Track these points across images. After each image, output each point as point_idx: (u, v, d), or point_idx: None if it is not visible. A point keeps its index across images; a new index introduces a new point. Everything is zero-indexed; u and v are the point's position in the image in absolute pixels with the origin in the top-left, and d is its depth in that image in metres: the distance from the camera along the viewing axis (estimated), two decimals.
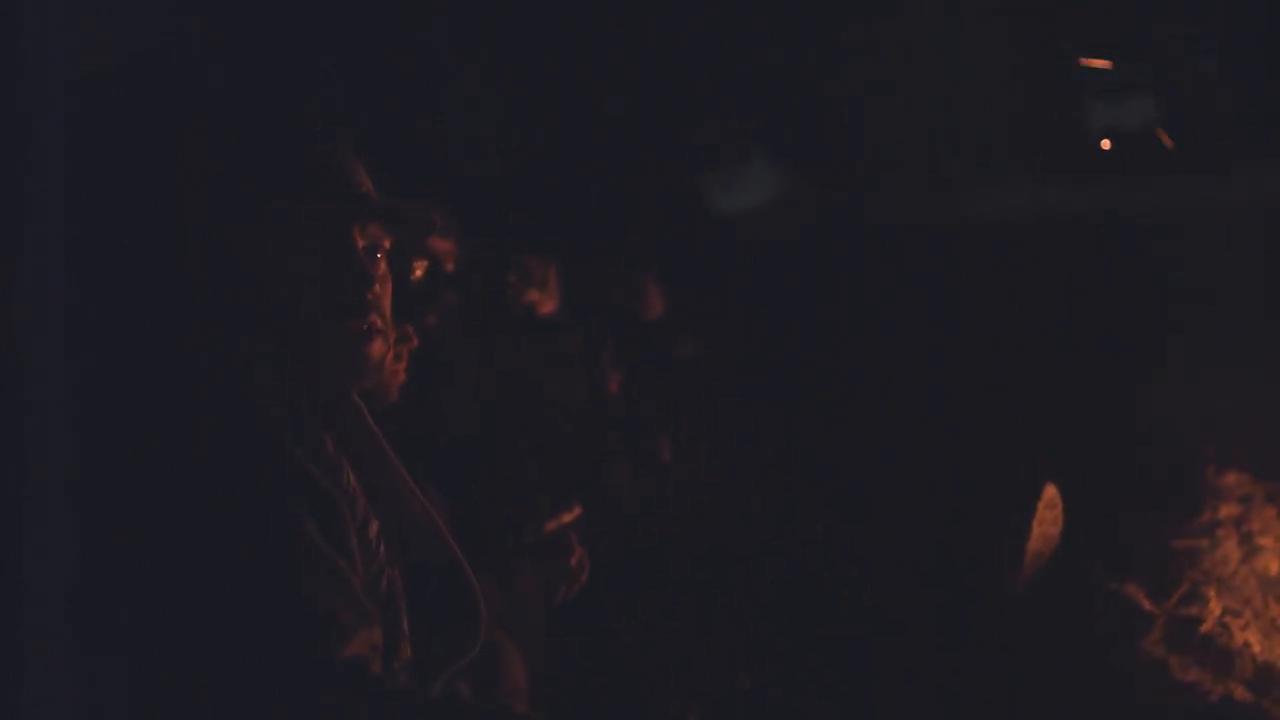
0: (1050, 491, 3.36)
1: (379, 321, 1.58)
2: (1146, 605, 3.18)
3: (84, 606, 1.35)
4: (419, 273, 2.82)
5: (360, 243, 1.53)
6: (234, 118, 1.56)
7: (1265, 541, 3.43)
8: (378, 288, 1.54)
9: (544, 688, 2.42)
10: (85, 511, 1.38)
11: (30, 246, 1.53)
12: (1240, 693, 2.76)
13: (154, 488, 1.36)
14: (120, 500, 1.37)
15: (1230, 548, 3.45)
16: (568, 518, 2.84)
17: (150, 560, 1.33)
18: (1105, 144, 4.15)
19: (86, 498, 1.38)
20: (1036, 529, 3.31)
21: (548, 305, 3.49)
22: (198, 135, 1.52)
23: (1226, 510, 3.63)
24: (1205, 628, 3.00)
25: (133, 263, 1.50)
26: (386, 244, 1.57)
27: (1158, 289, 4.70)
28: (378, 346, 1.55)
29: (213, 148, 1.50)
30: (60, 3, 1.59)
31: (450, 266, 3.22)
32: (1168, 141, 4.59)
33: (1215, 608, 3.09)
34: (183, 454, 1.37)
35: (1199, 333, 4.31)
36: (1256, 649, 2.89)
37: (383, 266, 1.56)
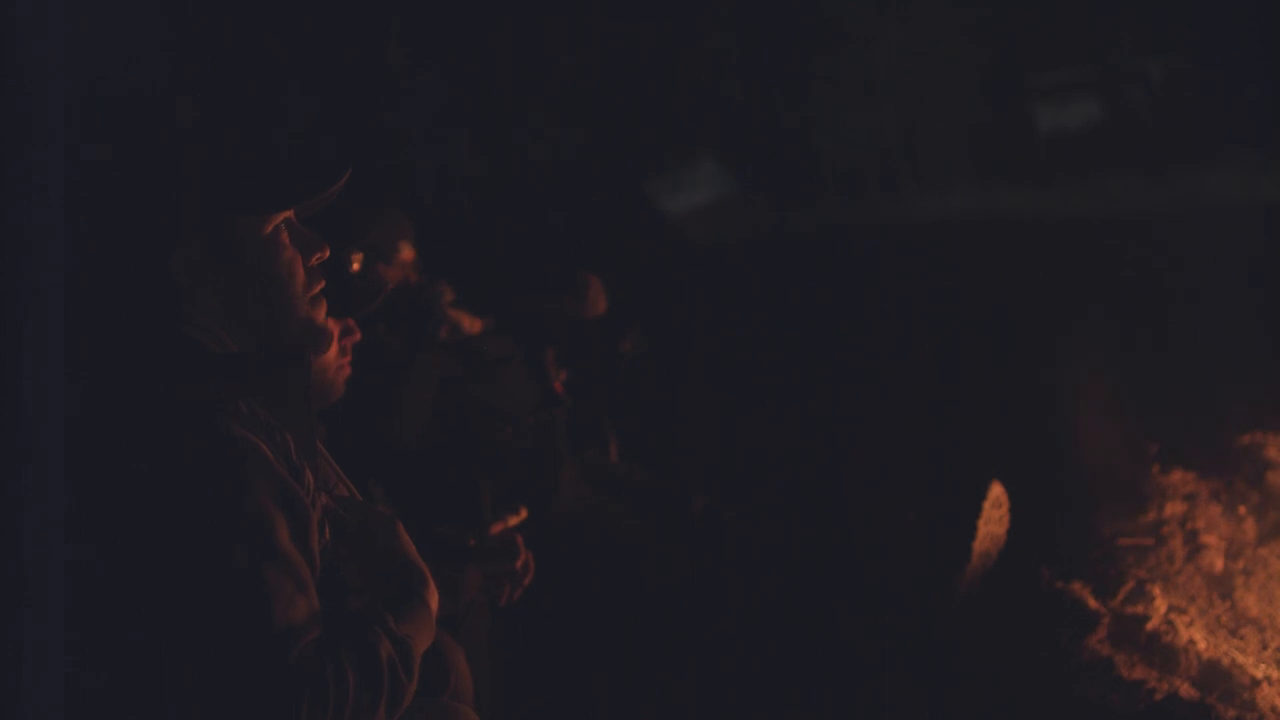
0: (996, 490, 3.36)
1: (326, 320, 1.65)
2: (1092, 603, 3.19)
3: (74, 606, 1.42)
4: (356, 265, 2.79)
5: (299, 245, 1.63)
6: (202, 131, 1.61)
7: (1209, 539, 3.45)
8: (318, 286, 1.66)
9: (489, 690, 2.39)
10: (75, 518, 1.43)
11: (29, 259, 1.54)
12: (1186, 690, 2.76)
13: (135, 489, 1.41)
14: (107, 502, 1.42)
15: (1175, 545, 3.47)
16: (513, 520, 2.82)
17: (131, 560, 1.39)
18: None
19: (77, 506, 1.44)
20: (983, 528, 3.31)
21: (475, 325, 3.48)
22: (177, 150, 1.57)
23: (1171, 508, 3.66)
24: (1151, 625, 3.01)
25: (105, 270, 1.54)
26: (325, 250, 1.67)
27: (1103, 288, 4.74)
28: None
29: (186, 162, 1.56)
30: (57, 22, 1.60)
31: (414, 277, 3.22)
32: None
33: (1161, 605, 3.10)
34: (163, 457, 1.42)
35: (1145, 331, 4.36)
36: (1201, 646, 2.90)
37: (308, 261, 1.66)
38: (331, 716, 1.37)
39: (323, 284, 1.67)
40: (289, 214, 1.62)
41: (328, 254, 1.67)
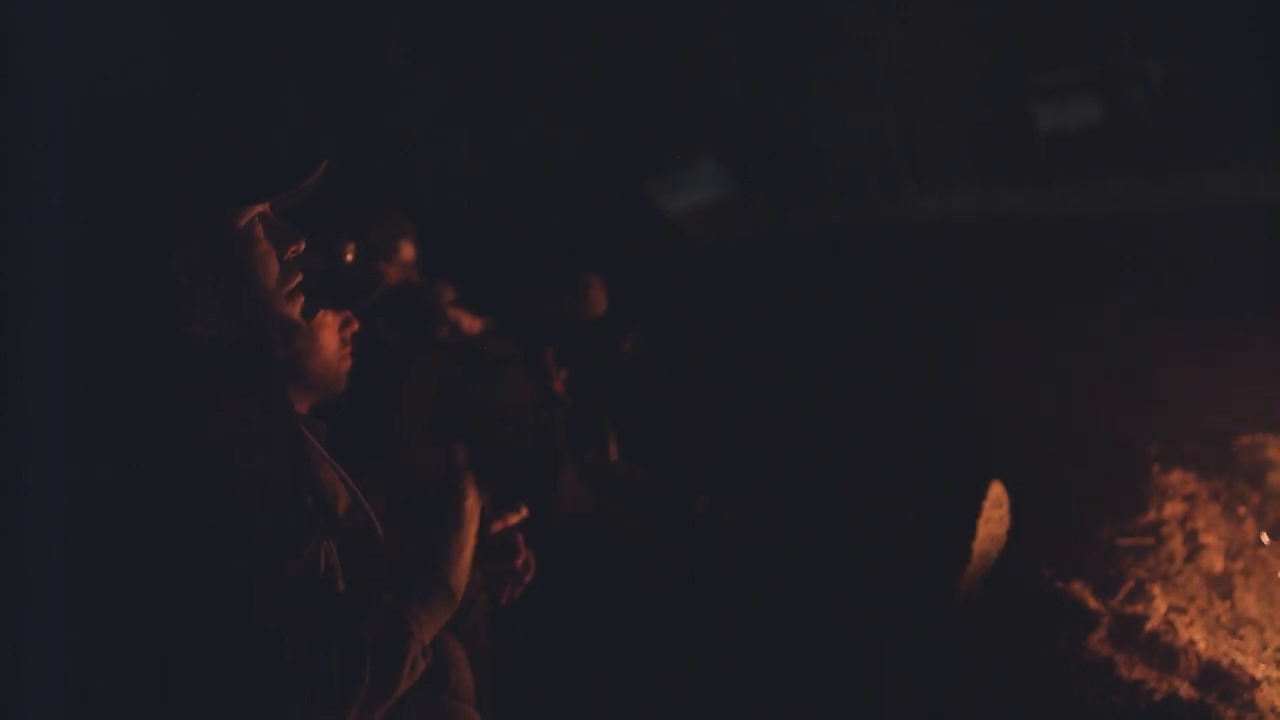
0: (996, 490, 3.36)
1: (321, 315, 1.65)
2: (1092, 603, 3.19)
3: (74, 606, 1.43)
4: (349, 257, 2.79)
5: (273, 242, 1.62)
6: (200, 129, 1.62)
7: (1209, 539, 3.45)
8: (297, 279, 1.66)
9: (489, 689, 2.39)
10: (75, 518, 1.44)
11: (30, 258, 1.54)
12: (1185, 690, 2.76)
13: (134, 489, 1.42)
14: (107, 502, 1.42)
15: (1175, 545, 3.47)
16: (514, 519, 2.81)
17: (130, 559, 1.40)
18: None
19: (77, 506, 1.44)
20: (983, 528, 3.31)
21: (475, 325, 3.48)
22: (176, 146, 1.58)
23: (1171, 508, 3.66)
24: (1151, 625, 3.01)
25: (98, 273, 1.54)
26: (301, 243, 1.66)
27: (1102, 287, 4.74)
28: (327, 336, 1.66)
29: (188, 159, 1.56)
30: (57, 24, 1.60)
31: (416, 278, 3.22)
32: None
33: (1160, 605, 3.10)
34: (163, 457, 1.42)
35: (1145, 331, 4.35)
36: (1201, 646, 2.90)
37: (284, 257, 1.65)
38: (321, 711, 1.38)
39: (299, 277, 1.66)
40: (263, 208, 1.62)
41: (303, 247, 1.66)
